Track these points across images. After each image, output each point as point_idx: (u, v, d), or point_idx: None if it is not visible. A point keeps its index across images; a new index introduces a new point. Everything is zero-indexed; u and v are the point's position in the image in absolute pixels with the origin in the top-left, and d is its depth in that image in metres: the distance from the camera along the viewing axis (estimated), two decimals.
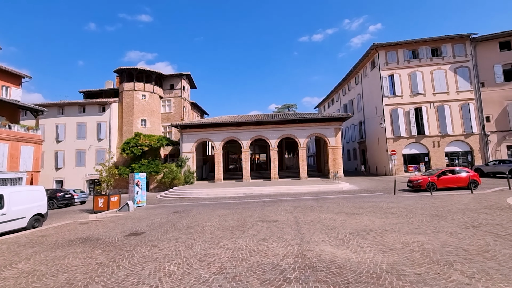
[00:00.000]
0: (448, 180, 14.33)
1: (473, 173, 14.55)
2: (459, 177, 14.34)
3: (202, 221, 9.09)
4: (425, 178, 14.62)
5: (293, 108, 62.88)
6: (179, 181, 24.40)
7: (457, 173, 14.58)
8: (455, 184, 14.21)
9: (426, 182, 14.23)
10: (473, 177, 13.95)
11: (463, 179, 14.16)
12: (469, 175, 14.05)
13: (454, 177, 14.41)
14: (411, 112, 24.92)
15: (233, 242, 6.33)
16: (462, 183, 14.12)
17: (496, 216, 7.57)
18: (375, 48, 26.07)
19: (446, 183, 14.27)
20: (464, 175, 14.24)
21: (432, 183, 14.15)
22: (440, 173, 14.64)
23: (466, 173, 14.36)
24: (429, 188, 13.89)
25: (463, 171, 14.74)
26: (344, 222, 7.84)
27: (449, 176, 14.43)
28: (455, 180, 14.30)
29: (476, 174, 14.50)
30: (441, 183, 14.30)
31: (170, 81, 32.05)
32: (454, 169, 14.98)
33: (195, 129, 25.85)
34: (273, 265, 4.73)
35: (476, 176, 14.26)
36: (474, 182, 13.86)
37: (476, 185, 13.95)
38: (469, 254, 4.81)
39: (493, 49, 24.22)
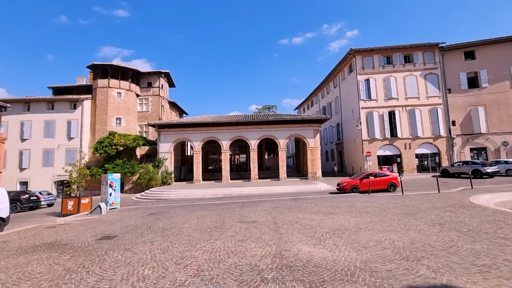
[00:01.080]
0: (371, 183, 15.11)
1: (393, 176, 15.65)
2: (380, 180, 15.31)
3: (180, 223, 8.88)
4: (350, 181, 15.61)
5: (273, 109, 63.46)
6: (156, 182, 23.70)
7: (379, 176, 15.60)
8: (377, 187, 15.12)
9: (350, 185, 15.30)
10: (392, 180, 15.18)
11: (384, 181, 15.23)
12: (389, 178, 15.26)
13: (375, 180, 15.32)
14: (385, 115, 26.07)
15: (211, 243, 6.25)
16: (382, 186, 15.15)
17: (460, 214, 8.10)
18: (352, 53, 26.99)
19: (368, 185, 15.04)
20: (385, 178, 15.33)
21: (355, 186, 15.23)
22: (363, 176, 15.61)
23: (386, 177, 15.48)
24: (352, 190, 15.10)
25: (384, 174, 15.85)
26: (321, 221, 8.02)
27: (371, 179, 15.28)
28: (377, 182, 15.24)
29: (395, 178, 15.52)
30: (363, 186, 15.20)
31: (147, 79, 31.07)
32: (376, 173, 16.06)
33: (173, 129, 25.25)
34: (251, 265, 4.71)
35: (395, 179, 15.32)
36: (393, 185, 15.04)
37: (395, 187, 15.05)
38: (435, 250, 5.10)
39: (458, 58, 25.98)
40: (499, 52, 25.03)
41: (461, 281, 3.77)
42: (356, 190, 15.20)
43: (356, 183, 15.40)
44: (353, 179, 15.89)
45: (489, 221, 7.03)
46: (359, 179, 15.55)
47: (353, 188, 15.27)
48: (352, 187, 15.30)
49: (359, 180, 15.45)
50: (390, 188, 15.02)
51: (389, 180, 15.28)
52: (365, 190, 15.10)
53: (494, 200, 10.68)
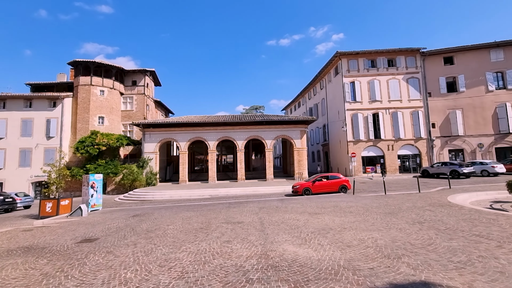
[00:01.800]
0: (322, 185, 15.57)
1: (344, 178, 15.99)
2: (332, 182, 15.68)
3: (164, 225, 8.72)
4: (303, 184, 15.83)
5: (260, 110, 63.60)
6: (140, 182, 23.18)
7: (331, 178, 15.95)
8: (328, 189, 15.53)
9: (303, 187, 15.50)
10: (343, 183, 15.57)
11: (335, 184, 15.59)
12: (340, 181, 15.64)
13: (328, 182, 15.71)
14: (369, 117, 26.74)
15: (196, 245, 6.18)
16: (334, 188, 15.54)
17: (438, 213, 8.43)
18: (339, 56, 27.53)
19: (320, 188, 15.48)
20: (337, 181, 15.69)
21: (308, 188, 15.44)
22: (316, 179, 15.90)
23: (338, 179, 15.82)
24: (305, 193, 15.29)
25: (336, 177, 16.15)
26: (307, 221, 8.11)
27: (323, 181, 15.68)
28: (329, 185, 15.62)
29: (346, 180, 15.88)
30: (315, 188, 15.50)
31: (132, 77, 30.36)
32: (329, 175, 16.41)
33: (159, 129, 24.80)
34: (236, 266, 4.70)
35: (346, 182, 15.71)
36: (344, 187, 15.50)
37: (345, 189, 15.50)
38: (415, 247, 5.28)
39: (438, 63, 27.06)
40: (475, 58, 26.29)
41: (439, 277, 3.91)
42: (309, 193, 15.36)
43: (309, 185, 15.59)
44: (307, 182, 16.11)
45: (465, 220, 7.35)
46: (312, 181, 15.77)
47: (305, 190, 15.43)
48: (304, 189, 15.46)
49: (312, 183, 15.67)
50: (341, 190, 15.42)
51: (340, 182, 15.63)
52: (318, 192, 15.41)
53: (470, 199, 11.19)
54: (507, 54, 25.76)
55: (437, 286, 3.64)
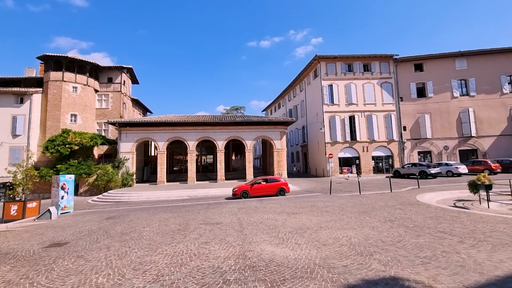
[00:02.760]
0: (260, 188, 15.62)
1: (283, 182, 16.17)
2: (270, 185, 15.76)
3: (140, 227, 8.47)
4: (241, 187, 15.81)
5: (241, 110, 63.58)
6: (116, 183, 22.28)
7: (270, 181, 16.05)
8: (267, 192, 15.60)
9: (241, 190, 15.46)
10: (281, 186, 15.73)
11: (274, 187, 15.70)
12: (279, 184, 15.80)
13: (266, 185, 15.77)
14: (346, 119, 27.65)
15: (173, 247, 6.07)
16: (272, 191, 15.61)
17: (408, 211, 8.92)
18: (318, 59, 28.22)
19: (258, 191, 15.51)
20: (275, 184, 15.81)
21: (246, 191, 15.43)
22: (255, 182, 15.98)
23: (277, 182, 15.98)
24: (243, 196, 15.24)
25: (275, 180, 16.25)
26: (285, 221, 8.24)
27: (262, 184, 15.77)
28: (267, 188, 15.70)
29: (285, 183, 16.10)
30: (254, 191, 15.51)
31: (108, 73, 29.12)
32: (268, 178, 16.53)
33: (136, 128, 24.00)
34: (214, 268, 4.69)
35: (285, 185, 15.89)
36: (282, 190, 15.63)
37: (283, 192, 15.59)
38: (386, 244, 5.56)
39: (409, 69, 28.59)
40: (442, 66, 28.10)
41: (406, 272, 4.16)
42: (246, 195, 15.30)
43: (247, 188, 15.55)
44: (246, 184, 16.04)
45: (431, 217, 7.84)
46: (250, 184, 15.78)
47: (243, 193, 15.35)
48: (242, 192, 15.38)
49: (250, 186, 15.66)
50: (279, 193, 15.48)
51: (279, 185, 15.74)
52: (256, 195, 15.35)
53: (436, 198, 11.94)
54: (470, 63, 27.78)
55: (405, 281, 3.87)
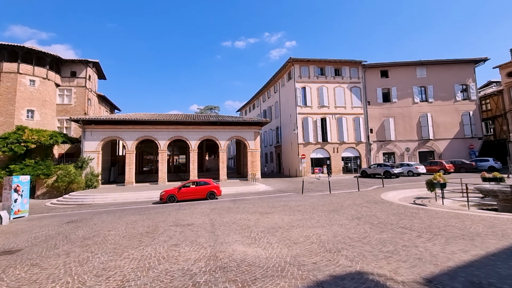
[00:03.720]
0: (189, 192, 14.92)
1: (214, 185, 15.48)
2: (200, 188, 15.15)
3: (105, 230, 7.99)
4: (168, 190, 14.97)
5: (215, 110, 62.91)
6: (79, 185, 20.83)
7: (200, 185, 15.37)
8: (196, 196, 14.94)
9: (168, 194, 14.67)
10: (212, 189, 15.16)
11: (203, 190, 15.08)
12: (209, 187, 15.23)
13: (195, 188, 15.12)
14: (318, 121, 28.55)
15: (141, 250, 5.80)
16: (202, 195, 14.98)
17: (373, 209, 9.41)
18: (292, 62, 28.82)
19: (187, 195, 14.81)
20: (205, 187, 15.20)
21: (173, 195, 14.66)
22: (183, 185, 15.24)
23: (207, 185, 15.33)
24: (169, 200, 14.48)
25: (205, 183, 15.54)
26: (258, 221, 8.27)
27: (190, 188, 15.12)
28: (196, 191, 15.04)
29: (216, 186, 15.42)
30: (181, 195, 14.75)
31: (71, 67, 27.17)
32: (198, 181, 15.85)
33: (102, 126, 22.65)
34: (183, 270, 4.56)
35: (215, 188, 15.27)
36: (212, 193, 15.07)
37: (213, 196, 15.10)
38: (353, 241, 5.81)
39: (376, 76, 30.30)
40: (405, 74, 30.17)
41: (371, 267, 4.38)
42: (174, 200, 14.57)
43: (174, 192, 14.77)
44: (173, 188, 15.21)
45: (394, 214, 8.36)
46: (178, 188, 15.02)
47: (170, 197, 14.61)
48: (169, 196, 14.63)
49: (178, 189, 14.90)
50: (209, 196, 14.93)
51: (209, 188, 15.16)
52: (184, 199, 14.70)
53: (398, 196, 12.75)
54: (429, 72, 30.15)
55: (369, 275, 4.07)
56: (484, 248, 4.97)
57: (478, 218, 7.47)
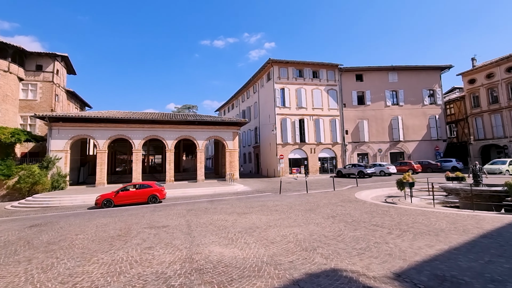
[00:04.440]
0: (127, 196, 14.13)
1: (157, 188, 14.68)
2: (140, 191, 14.36)
3: (72, 234, 7.53)
4: (104, 194, 14.18)
5: (194, 109, 61.87)
6: (44, 186, 19.46)
7: (141, 188, 14.61)
8: (136, 200, 14.11)
9: (104, 199, 13.82)
10: (154, 192, 14.33)
11: (144, 194, 14.28)
12: (150, 190, 14.42)
13: (135, 192, 14.34)
14: (296, 122, 29.04)
15: (111, 254, 5.53)
16: (142, 198, 14.17)
17: (347, 207, 9.73)
18: (271, 63, 29.07)
19: (125, 199, 14.00)
20: (146, 190, 14.41)
21: (109, 199, 13.76)
22: (122, 188, 14.40)
23: (149, 188, 14.53)
24: (105, 205, 13.59)
25: (147, 186, 14.74)
26: (235, 221, 8.22)
27: (130, 191, 14.33)
28: (136, 195, 14.25)
29: (159, 189, 14.60)
30: (119, 199, 13.92)
31: (37, 60, 25.31)
32: (138, 184, 15.05)
33: (71, 123, 21.36)
34: (157, 274, 4.40)
35: (158, 191, 14.45)
36: (154, 197, 14.27)
37: (155, 199, 14.23)
38: (328, 239, 5.95)
39: (351, 79, 31.44)
40: (378, 78, 31.60)
41: (345, 263, 4.51)
42: (110, 204, 13.63)
43: (110, 196, 13.88)
44: (111, 192, 14.40)
45: (367, 212, 8.70)
46: (116, 191, 14.13)
47: (106, 202, 13.70)
48: (105, 201, 13.71)
49: (115, 193, 14.00)
50: (150, 200, 14.14)
51: (151, 192, 14.35)
52: (122, 203, 13.83)
53: (371, 195, 13.31)
54: (400, 77, 31.82)
55: (343, 272, 4.18)
56: (447, 243, 5.32)
57: (442, 215, 7.98)
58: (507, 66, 27.38)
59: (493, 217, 7.50)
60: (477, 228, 6.33)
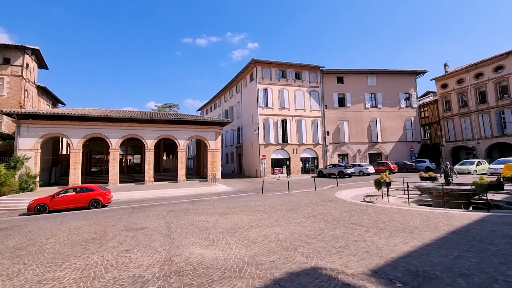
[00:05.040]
0: (65, 200, 13.09)
1: (100, 192, 13.62)
2: (80, 196, 13.37)
3: (42, 238, 7.09)
4: (38, 199, 12.97)
5: (175, 108, 60.69)
6: (11, 187, 18.20)
7: (81, 191, 13.58)
8: (74, 205, 13.09)
9: (36, 204, 12.63)
10: (95, 196, 13.35)
11: (85, 198, 13.29)
12: (92, 194, 13.40)
13: (74, 196, 13.33)
14: (279, 122, 29.28)
15: (85, 259, 5.26)
16: (82, 203, 13.16)
17: (328, 207, 9.93)
18: (254, 63, 29.11)
19: (62, 203, 12.94)
20: (87, 194, 13.40)
21: (43, 204, 12.61)
22: (60, 192, 13.42)
23: (91, 191, 13.52)
24: (38, 211, 12.41)
25: (89, 189, 13.74)
26: (217, 222, 8.13)
27: (68, 195, 13.32)
28: (75, 199, 13.23)
29: (102, 193, 13.59)
30: (55, 203, 12.83)
31: (4, 53, 23.66)
32: (79, 187, 14.08)
33: (42, 121, 20.16)
34: (134, 278, 4.24)
35: (101, 195, 13.49)
36: (96, 201, 13.27)
37: (99, 204, 13.31)
38: (309, 238, 6.03)
39: (333, 81, 32.20)
40: (358, 81, 32.59)
41: (324, 262, 4.58)
42: (45, 210, 12.48)
43: (45, 201, 12.71)
44: (46, 196, 13.19)
45: (346, 211, 8.92)
46: (52, 195, 13.01)
47: (40, 207, 12.47)
48: (38, 206, 12.48)
49: (51, 197, 12.87)
50: (92, 205, 13.14)
51: (92, 196, 13.32)
52: (58, 208, 12.75)
53: (351, 195, 13.68)
54: (378, 80, 33.01)
55: (323, 270, 4.25)
56: (420, 240, 5.56)
57: (416, 213, 8.36)
58: (475, 72, 29.26)
59: (462, 214, 7.96)
60: (448, 225, 6.68)
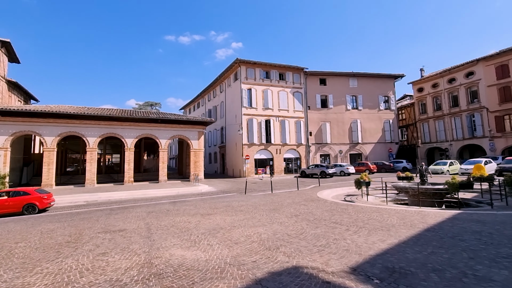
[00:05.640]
0: None
1: (36, 195, 12.35)
2: (12, 200, 12.07)
3: (11, 242, 6.67)
4: None
5: (157, 106, 59.29)
6: None
7: (15, 195, 12.29)
8: (5, 210, 11.82)
9: None
10: (31, 201, 12.12)
11: (19, 202, 12.07)
12: (27, 198, 12.17)
13: (5, 200, 12.00)
14: (262, 123, 29.38)
15: (58, 263, 5.00)
16: (15, 208, 11.94)
17: (310, 206, 10.09)
18: (238, 63, 29.03)
19: None
20: (22, 198, 12.16)
21: None
22: None
23: (26, 195, 12.29)
24: None
25: (24, 193, 12.46)
26: (199, 223, 8.02)
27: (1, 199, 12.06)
28: (6, 204, 11.93)
29: (38, 197, 12.28)
30: None
31: None
32: (12, 191, 12.59)
33: (12, 118, 18.99)
34: (111, 282, 4.08)
35: (37, 199, 12.22)
36: (31, 206, 12.08)
37: (35, 209, 12.12)
38: (291, 237, 6.09)
39: (315, 82, 32.78)
40: (340, 83, 33.40)
41: (306, 260, 4.64)
42: None
43: None
44: None
45: (327, 210, 9.10)
46: None
47: None
48: None
49: None
50: (26, 210, 11.96)
51: (27, 200, 12.08)
52: None
53: (332, 194, 13.98)
54: (359, 83, 34.00)
55: (304, 268, 4.30)
56: (397, 237, 5.78)
57: (394, 211, 8.68)
58: (449, 77, 30.90)
59: (435, 212, 8.36)
60: (422, 223, 6.99)
